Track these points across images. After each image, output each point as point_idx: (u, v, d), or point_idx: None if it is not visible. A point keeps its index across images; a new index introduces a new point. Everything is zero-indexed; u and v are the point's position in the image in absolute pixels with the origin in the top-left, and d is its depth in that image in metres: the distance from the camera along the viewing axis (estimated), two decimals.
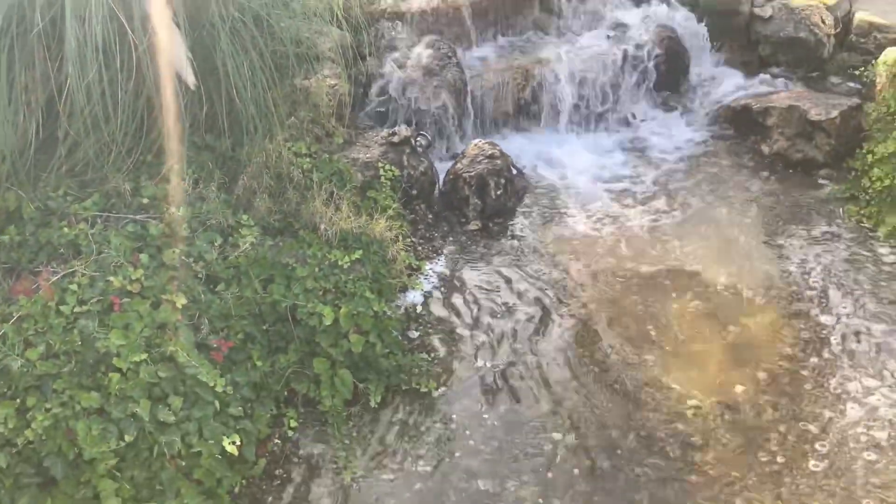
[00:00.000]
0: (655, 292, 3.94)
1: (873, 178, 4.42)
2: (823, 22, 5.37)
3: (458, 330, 3.74)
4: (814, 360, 3.52)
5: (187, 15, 3.65)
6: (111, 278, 3.07)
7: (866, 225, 4.36)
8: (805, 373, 3.45)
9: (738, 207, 4.55)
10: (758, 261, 4.13)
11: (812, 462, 3.07)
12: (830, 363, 3.49)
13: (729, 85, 5.43)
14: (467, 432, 3.23)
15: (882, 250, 4.17)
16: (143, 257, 3.21)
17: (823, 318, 3.73)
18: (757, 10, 5.49)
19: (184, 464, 2.84)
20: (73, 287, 3.03)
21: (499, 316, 3.82)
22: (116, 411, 2.76)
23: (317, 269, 3.57)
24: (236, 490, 2.98)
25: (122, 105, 3.54)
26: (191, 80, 3.53)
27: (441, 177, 4.67)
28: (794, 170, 4.85)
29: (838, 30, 5.41)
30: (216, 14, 3.65)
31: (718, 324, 3.74)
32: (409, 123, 4.76)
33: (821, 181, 4.75)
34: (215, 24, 3.67)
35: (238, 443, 2.91)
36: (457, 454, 3.15)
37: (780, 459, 3.08)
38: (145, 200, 3.52)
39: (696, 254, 4.20)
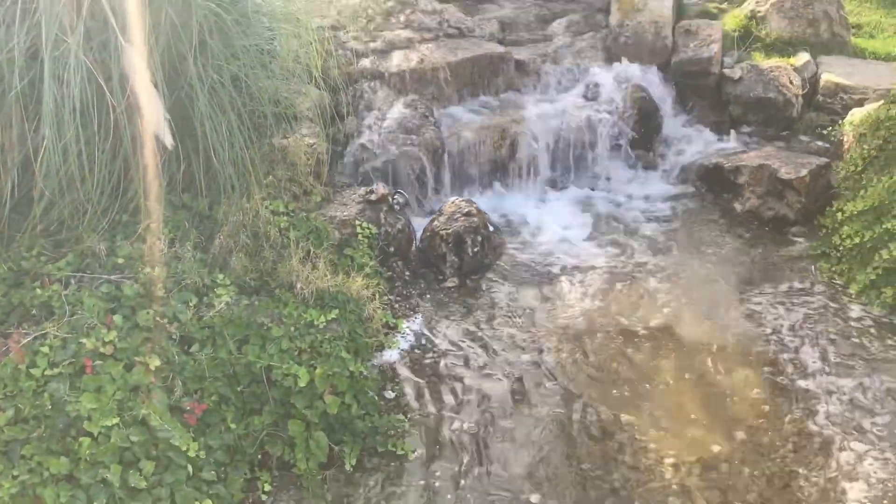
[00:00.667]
0: (632, 350, 3.95)
1: (843, 236, 4.50)
2: (791, 83, 5.51)
3: (435, 390, 3.72)
4: (789, 416, 3.53)
5: (165, 76, 3.68)
6: (84, 340, 3.04)
7: (838, 282, 4.42)
8: (781, 430, 3.46)
9: (712, 264, 4.60)
10: (733, 317, 4.17)
11: None
12: (806, 419, 3.51)
13: (701, 144, 5.54)
14: (444, 496, 3.19)
15: (854, 307, 4.23)
16: (117, 318, 3.18)
17: (798, 375, 3.76)
18: (727, 72, 5.62)
19: None
20: (45, 349, 2.99)
21: (476, 376, 3.81)
22: (86, 477, 2.71)
23: (292, 329, 3.55)
24: None
25: (98, 165, 3.54)
26: (168, 140, 3.54)
27: (418, 234, 4.69)
28: (766, 227, 4.93)
29: (806, 90, 5.56)
30: (195, 75, 3.68)
31: (694, 380, 3.75)
32: (386, 181, 4.80)
33: (793, 238, 4.83)
34: (194, 86, 3.70)
35: None
36: None
37: None
38: (120, 260, 3.50)
39: (671, 311, 4.23)
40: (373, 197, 4.53)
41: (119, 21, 3.40)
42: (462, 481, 3.26)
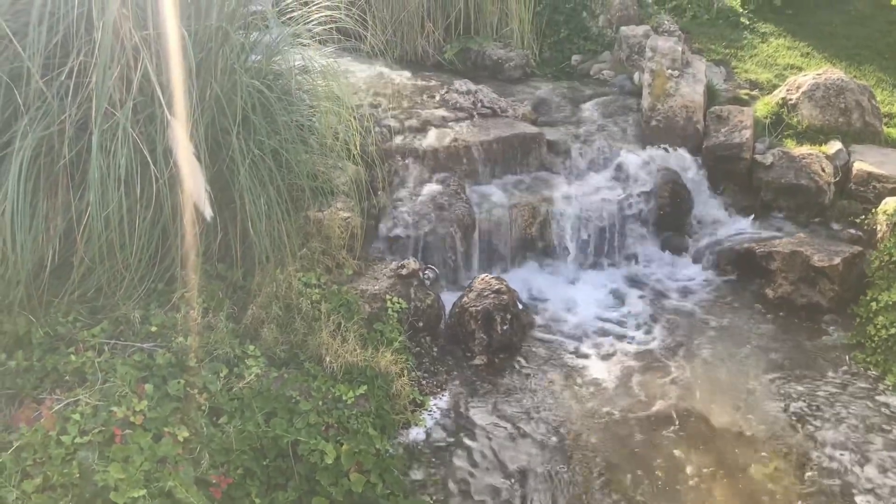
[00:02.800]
0: (661, 437, 3.89)
1: (878, 326, 4.44)
2: (823, 170, 5.52)
3: (461, 472, 3.67)
4: None
5: (208, 149, 3.78)
6: (114, 408, 3.05)
7: (873, 373, 4.34)
8: None
9: (743, 351, 4.55)
10: (765, 407, 4.10)
11: None
12: None
13: (732, 228, 5.53)
14: None
15: (890, 399, 4.14)
16: (149, 387, 3.19)
17: (831, 468, 3.67)
18: (759, 157, 5.65)
19: None
20: (76, 416, 3.01)
21: (502, 459, 3.75)
22: None
23: (320, 403, 3.55)
24: None
25: (138, 233, 3.62)
26: (208, 211, 3.60)
27: (447, 310, 4.69)
28: (798, 314, 4.87)
29: (838, 178, 5.56)
30: (236, 149, 3.78)
31: (725, 472, 3.67)
32: (417, 256, 4.83)
33: (826, 327, 4.77)
34: (235, 159, 3.80)
35: None
36: None
37: None
38: (154, 329, 3.54)
39: (700, 397, 4.16)
40: (404, 272, 4.56)
41: (166, 96, 3.52)
42: None
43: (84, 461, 2.84)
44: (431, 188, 5.15)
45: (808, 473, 3.65)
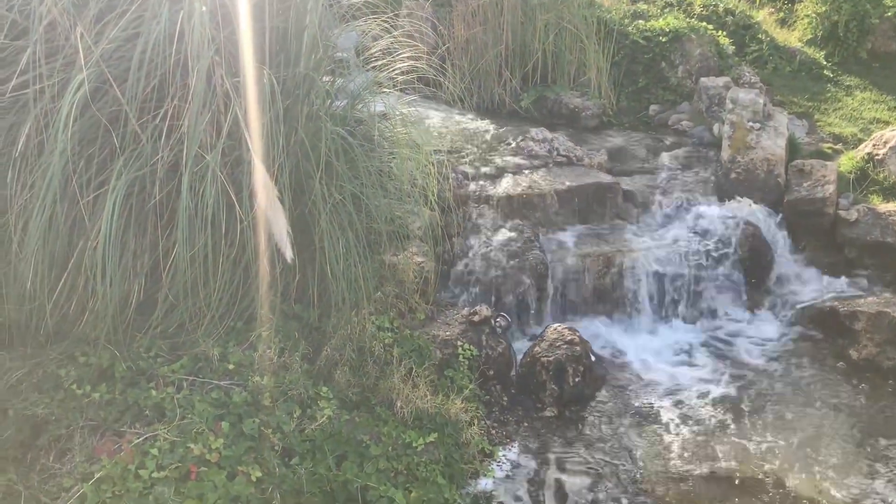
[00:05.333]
0: (738, 500, 3.75)
1: None
2: None
3: None
4: None
5: (291, 193, 3.87)
6: (191, 445, 3.10)
7: None
8: None
9: (824, 414, 4.38)
10: (847, 473, 3.93)
11: None
12: None
13: (814, 285, 5.38)
14: None
15: None
16: (225, 425, 3.24)
17: None
18: (842, 213, 5.50)
19: None
20: (154, 451, 3.07)
21: None
22: None
23: (390, 449, 3.54)
24: None
25: (221, 272, 3.71)
26: (288, 253, 3.67)
27: (518, 358, 4.66)
28: (884, 377, 4.68)
29: None
30: (318, 194, 3.86)
31: None
32: (489, 303, 4.83)
33: None
34: (317, 203, 3.87)
35: None
36: None
37: None
38: (231, 366, 3.60)
39: (777, 461, 4.02)
40: (475, 318, 4.55)
41: (253, 141, 3.62)
42: None
43: (160, 496, 2.89)
44: (505, 235, 5.16)
45: None
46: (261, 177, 3.59)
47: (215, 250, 3.66)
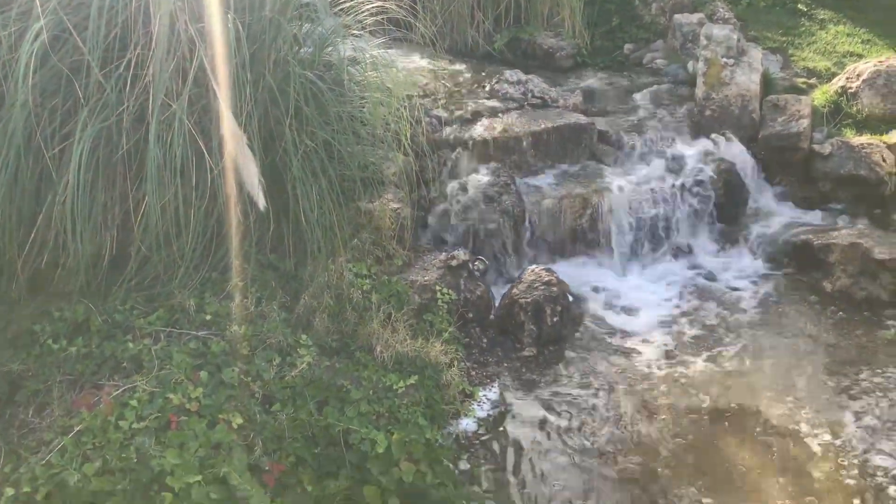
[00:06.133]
0: (715, 432, 3.83)
1: None
2: (884, 160, 5.36)
3: (511, 462, 3.66)
4: None
5: (262, 141, 3.82)
6: (170, 395, 3.11)
7: None
8: None
9: (800, 346, 4.45)
10: (822, 403, 4.01)
11: None
12: None
13: (788, 219, 5.41)
14: None
15: None
16: (203, 375, 3.25)
17: (885, 466, 3.57)
18: (816, 147, 5.51)
19: None
20: (133, 402, 3.07)
21: (552, 450, 3.73)
22: None
23: (371, 393, 3.57)
24: None
25: (193, 223, 3.68)
26: (261, 202, 3.65)
27: (497, 301, 4.68)
28: (858, 308, 4.75)
29: None
30: (289, 141, 3.81)
31: (779, 468, 3.60)
32: (466, 247, 4.82)
33: (887, 321, 4.63)
34: (288, 151, 3.83)
35: None
36: None
37: None
38: (208, 317, 3.60)
39: (756, 392, 4.09)
40: (453, 262, 4.56)
41: (221, 88, 3.56)
42: None
43: (141, 446, 2.90)
44: (481, 179, 5.13)
45: (866, 472, 3.56)
46: (229, 124, 3.55)
47: (186, 201, 3.62)
